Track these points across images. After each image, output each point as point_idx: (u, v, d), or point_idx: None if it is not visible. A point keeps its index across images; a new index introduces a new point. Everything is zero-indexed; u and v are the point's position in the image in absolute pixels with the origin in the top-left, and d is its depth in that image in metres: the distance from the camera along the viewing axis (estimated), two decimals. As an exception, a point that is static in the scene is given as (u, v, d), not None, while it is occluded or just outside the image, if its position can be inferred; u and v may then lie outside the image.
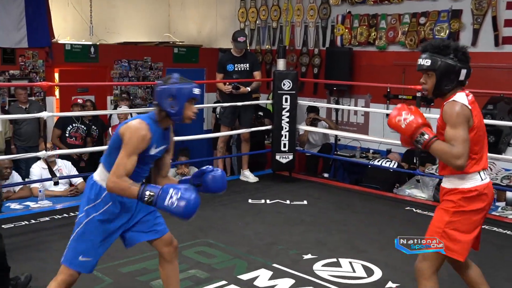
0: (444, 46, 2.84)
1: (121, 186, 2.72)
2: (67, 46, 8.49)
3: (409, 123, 2.82)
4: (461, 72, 2.82)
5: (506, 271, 4.18)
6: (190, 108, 2.88)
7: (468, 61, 2.87)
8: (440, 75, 2.83)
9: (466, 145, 2.71)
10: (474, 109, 2.83)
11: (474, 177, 2.84)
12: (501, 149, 7.08)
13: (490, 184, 2.91)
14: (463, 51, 2.85)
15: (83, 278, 3.85)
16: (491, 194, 2.91)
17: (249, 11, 10.21)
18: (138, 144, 2.76)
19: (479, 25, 7.35)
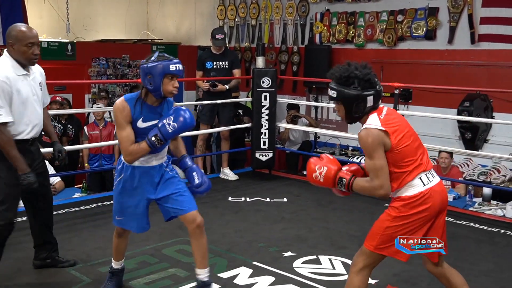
0: (345, 77, 2.84)
1: (133, 151, 3.15)
2: (43, 43, 8.37)
3: (325, 175, 2.91)
4: (368, 99, 2.82)
5: (483, 265, 4.24)
6: (169, 83, 3.13)
7: (374, 86, 2.84)
8: (347, 105, 2.86)
9: (382, 173, 2.76)
10: (390, 124, 2.80)
11: (415, 183, 2.83)
12: (477, 145, 7.19)
13: (435, 187, 2.86)
14: (366, 79, 2.81)
15: (60, 278, 3.82)
16: (437, 195, 2.85)
17: (228, 8, 10.19)
18: (119, 115, 3.14)
19: (455, 22, 7.43)
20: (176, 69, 3.14)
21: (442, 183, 2.96)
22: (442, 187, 2.93)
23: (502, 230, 5.08)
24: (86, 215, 5.29)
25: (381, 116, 2.83)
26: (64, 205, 5.56)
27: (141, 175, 3.31)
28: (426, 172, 2.87)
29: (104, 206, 5.58)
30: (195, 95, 9.85)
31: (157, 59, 3.15)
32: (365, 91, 2.82)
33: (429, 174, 2.88)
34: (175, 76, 3.14)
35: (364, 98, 2.82)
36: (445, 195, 2.94)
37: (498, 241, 4.81)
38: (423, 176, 2.84)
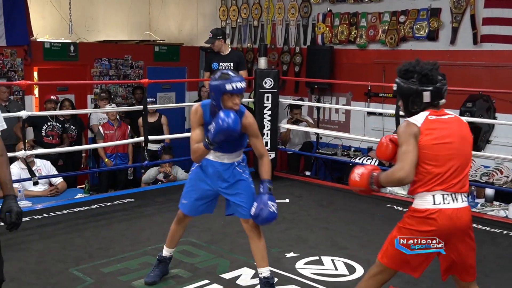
0: (404, 70, 2.88)
1: (193, 150, 3.50)
2: (46, 44, 8.39)
3: (361, 174, 2.89)
4: (424, 94, 2.80)
5: (486, 266, 4.23)
6: (229, 100, 3.37)
7: (433, 82, 2.81)
8: (404, 98, 2.88)
9: (406, 157, 2.71)
10: (433, 128, 2.76)
11: (425, 197, 2.77)
12: (480, 146, 7.17)
13: (446, 211, 2.74)
14: (424, 73, 2.81)
15: (63, 278, 3.83)
16: (444, 221, 2.74)
17: (230, 9, 10.19)
18: (192, 117, 3.54)
19: (458, 23, 7.43)
20: (233, 88, 3.35)
21: (465, 210, 2.81)
22: (460, 214, 2.77)
23: (504, 231, 5.08)
24: (89, 215, 5.29)
25: (431, 116, 2.79)
26: (66, 205, 5.57)
27: (212, 168, 3.61)
28: (446, 193, 2.75)
29: (107, 207, 5.59)
30: (197, 95, 9.85)
31: (218, 78, 3.38)
32: (422, 86, 2.80)
33: (450, 196, 2.76)
34: (234, 94, 3.37)
35: (420, 93, 2.80)
36: (460, 223, 2.78)
37: (500, 242, 4.80)
38: (436, 195, 2.75)
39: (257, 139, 3.59)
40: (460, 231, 2.80)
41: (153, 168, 7.20)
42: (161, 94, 9.68)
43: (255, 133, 3.57)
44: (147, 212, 5.48)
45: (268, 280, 3.62)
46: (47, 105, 7.44)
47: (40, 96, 8.52)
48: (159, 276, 3.84)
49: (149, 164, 6.65)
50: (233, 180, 3.61)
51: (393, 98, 7.55)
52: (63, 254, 4.27)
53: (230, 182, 3.61)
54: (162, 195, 6.12)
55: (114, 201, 5.79)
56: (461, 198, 2.79)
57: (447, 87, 2.86)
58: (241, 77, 3.47)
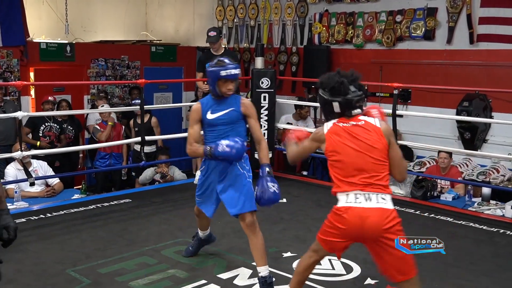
0: (321, 82, 3.07)
1: (192, 150, 3.69)
2: (42, 45, 8.37)
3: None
4: (333, 105, 2.98)
5: (483, 265, 4.24)
6: (223, 85, 3.62)
7: (342, 94, 2.97)
8: (320, 107, 3.12)
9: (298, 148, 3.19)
10: (333, 135, 2.97)
11: (340, 197, 2.96)
12: (476, 145, 7.19)
13: (354, 209, 2.87)
14: (332, 86, 2.97)
15: (60, 279, 3.82)
16: (352, 219, 2.87)
17: (227, 9, 10.19)
18: (191, 115, 3.77)
19: (454, 23, 7.44)
20: (227, 74, 3.60)
21: (378, 211, 2.86)
22: (368, 213, 2.85)
23: (501, 229, 5.08)
24: (86, 216, 5.28)
25: (339, 123, 2.99)
26: (63, 206, 5.55)
27: (214, 165, 3.73)
28: (353, 193, 2.89)
29: (104, 207, 5.58)
30: (194, 96, 9.84)
31: (215, 64, 3.66)
32: (331, 97, 2.99)
33: (361, 196, 2.88)
34: (228, 80, 3.61)
35: (330, 104, 2.99)
36: (368, 222, 2.84)
37: (497, 241, 4.81)
38: (344, 195, 2.92)
39: (255, 121, 3.78)
40: (371, 232, 2.86)
41: (150, 168, 7.19)
42: (158, 95, 9.67)
43: (254, 115, 3.77)
44: (144, 212, 5.47)
45: (266, 279, 3.64)
46: (44, 106, 7.42)
47: (36, 96, 8.50)
48: (196, 251, 4.23)
49: (146, 165, 6.64)
50: (231, 176, 3.71)
51: (390, 97, 7.56)
52: (60, 255, 4.26)
53: (228, 178, 3.71)
54: (159, 196, 6.11)
55: (111, 201, 5.78)
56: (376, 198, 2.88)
57: (361, 98, 3.00)
58: (236, 64, 3.69)
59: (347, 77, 2.99)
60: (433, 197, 6.25)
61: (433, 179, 6.39)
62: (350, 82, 2.97)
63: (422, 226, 5.15)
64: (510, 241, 4.81)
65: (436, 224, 5.25)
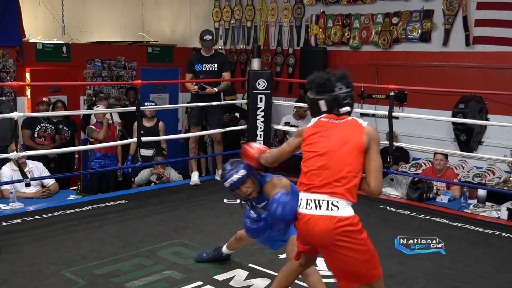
0: (307, 81, 3.01)
1: None
2: (38, 45, 8.34)
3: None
4: (319, 103, 2.91)
5: (478, 267, 4.25)
6: (240, 192, 3.40)
7: (327, 91, 2.89)
8: (308, 107, 3.05)
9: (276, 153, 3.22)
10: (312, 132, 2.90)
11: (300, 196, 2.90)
12: (472, 147, 7.20)
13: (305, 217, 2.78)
14: (318, 83, 2.92)
15: (56, 280, 3.81)
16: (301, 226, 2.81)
17: (224, 10, 10.19)
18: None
19: (450, 25, 7.46)
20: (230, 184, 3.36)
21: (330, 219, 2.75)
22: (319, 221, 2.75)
23: (496, 231, 5.10)
24: (81, 217, 5.27)
25: (323, 119, 2.92)
26: (59, 207, 5.54)
27: None
28: (309, 194, 2.82)
29: (99, 208, 5.57)
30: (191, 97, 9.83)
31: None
32: (317, 96, 2.92)
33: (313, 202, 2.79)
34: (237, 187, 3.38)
35: (316, 102, 2.92)
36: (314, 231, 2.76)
37: (493, 243, 4.82)
38: (303, 199, 2.85)
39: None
40: (319, 240, 2.78)
41: (146, 169, 7.18)
42: (154, 96, 9.65)
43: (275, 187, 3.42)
44: (140, 213, 5.46)
45: None
46: (39, 107, 7.40)
47: (32, 97, 8.48)
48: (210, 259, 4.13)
49: (142, 166, 6.63)
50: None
51: (386, 99, 7.57)
52: (56, 256, 4.25)
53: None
54: (155, 197, 6.11)
55: (107, 202, 5.77)
56: (326, 205, 2.77)
57: (348, 95, 2.90)
58: (237, 167, 3.40)
59: (334, 74, 2.92)
60: (429, 199, 6.26)
61: (429, 181, 6.40)
62: (337, 80, 2.89)
63: (418, 228, 5.15)
64: (506, 243, 4.82)
65: (431, 226, 5.26)
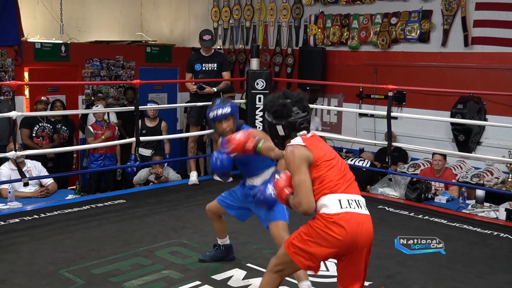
0: (264, 105, 3.00)
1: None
2: (37, 44, 8.34)
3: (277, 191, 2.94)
4: (277, 128, 2.87)
5: (476, 267, 4.25)
6: (218, 127, 3.69)
7: (284, 116, 2.84)
8: (268, 131, 2.98)
9: (302, 189, 2.75)
10: (312, 143, 2.82)
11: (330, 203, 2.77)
12: (471, 148, 7.21)
13: (350, 215, 2.75)
14: (273, 110, 2.87)
15: (54, 280, 3.81)
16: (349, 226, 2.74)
17: (222, 10, 10.19)
18: None
19: (449, 25, 7.46)
20: (214, 115, 3.65)
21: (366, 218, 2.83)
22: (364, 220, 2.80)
23: (495, 232, 5.10)
24: (79, 216, 5.27)
25: (305, 136, 2.85)
26: (57, 206, 5.54)
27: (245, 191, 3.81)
28: (348, 196, 2.80)
29: (98, 208, 5.56)
30: (189, 96, 9.82)
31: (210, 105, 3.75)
32: (275, 120, 2.87)
33: (353, 201, 2.81)
34: (220, 121, 3.64)
35: (274, 127, 2.89)
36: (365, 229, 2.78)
37: (491, 243, 4.83)
38: (343, 199, 2.78)
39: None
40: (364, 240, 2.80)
41: (144, 169, 7.17)
42: (152, 95, 9.65)
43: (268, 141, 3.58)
44: (138, 213, 5.46)
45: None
46: (37, 106, 7.40)
47: (31, 96, 8.48)
48: (213, 259, 4.14)
49: (141, 165, 6.63)
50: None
51: (384, 99, 7.58)
52: (54, 255, 4.25)
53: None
54: (153, 196, 6.10)
55: (105, 202, 5.76)
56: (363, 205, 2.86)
57: (305, 119, 2.86)
58: (225, 103, 3.65)
59: (291, 98, 2.86)
60: (427, 199, 6.27)
61: (427, 181, 6.41)
62: (293, 104, 2.84)
63: (416, 228, 5.16)
64: (504, 243, 4.82)
65: (430, 226, 5.26)
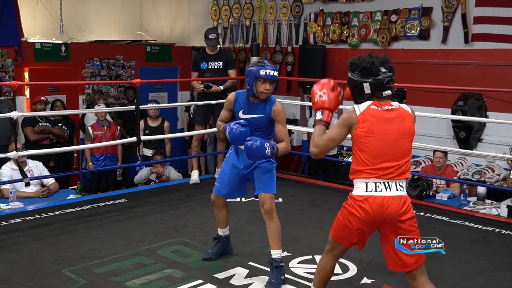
0: (350, 63, 3.04)
1: (218, 125, 4.04)
2: (37, 45, 8.34)
3: (321, 101, 3.09)
4: (364, 86, 2.95)
5: (478, 264, 4.25)
6: (261, 86, 3.74)
7: (372, 74, 2.94)
8: (350, 89, 3.06)
9: (327, 140, 2.96)
10: (367, 118, 2.90)
11: (359, 185, 2.93)
12: (471, 145, 7.21)
13: (377, 199, 2.87)
14: (363, 66, 2.95)
15: (56, 279, 3.81)
16: (376, 206, 2.86)
17: (222, 9, 10.19)
18: (226, 102, 4.03)
19: (449, 22, 7.46)
20: (266, 74, 3.71)
21: (397, 198, 2.90)
22: (391, 201, 2.88)
23: (496, 229, 5.10)
24: (81, 216, 5.27)
25: (373, 106, 2.92)
26: (58, 206, 5.54)
27: (240, 153, 3.92)
28: (379, 180, 2.89)
29: (99, 207, 5.56)
30: (190, 96, 9.83)
31: (254, 64, 3.78)
32: (362, 78, 2.95)
33: (382, 184, 2.89)
34: (267, 80, 3.72)
35: (360, 85, 2.96)
36: (389, 211, 2.88)
37: (492, 240, 4.83)
38: (369, 183, 2.90)
39: (282, 126, 3.84)
40: (390, 219, 2.90)
41: (146, 168, 7.18)
42: (153, 94, 9.65)
43: (282, 120, 3.83)
44: (140, 212, 5.46)
45: (275, 260, 3.79)
46: (36, 106, 7.41)
47: (31, 97, 8.48)
48: (216, 254, 4.21)
49: (142, 165, 6.63)
50: (256, 164, 3.86)
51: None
52: (56, 255, 4.25)
53: (249, 164, 3.87)
54: (154, 196, 6.11)
55: (107, 201, 5.76)
56: (395, 187, 2.90)
57: (391, 79, 2.97)
58: (275, 66, 3.87)
59: (377, 58, 2.97)
60: (428, 196, 6.26)
61: (429, 179, 6.40)
62: (380, 63, 2.96)
63: (418, 226, 5.15)
64: (505, 240, 4.82)
65: (431, 223, 5.26)
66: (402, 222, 2.91)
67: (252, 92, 3.77)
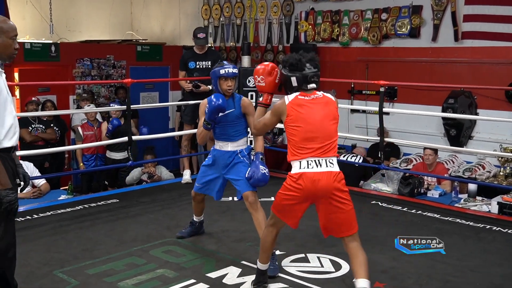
0: (282, 60, 3.50)
1: (198, 133, 4.24)
2: (26, 45, 8.29)
3: (260, 86, 3.59)
4: (291, 79, 3.38)
5: (470, 261, 4.27)
6: (223, 84, 4.14)
7: (298, 69, 3.36)
8: (282, 81, 3.50)
9: (263, 125, 3.55)
10: (295, 106, 3.32)
11: (295, 164, 3.32)
12: (462, 142, 7.25)
13: (310, 173, 3.23)
14: (290, 63, 3.39)
15: (48, 280, 3.79)
16: (308, 181, 3.23)
17: (213, 8, 10.18)
18: (200, 109, 4.24)
19: (439, 20, 7.49)
20: (226, 72, 4.11)
21: (327, 174, 3.25)
22: (321, 177, 3.23)
23: (487, 225, 5.13)
24: (73, 217, 5.25)
25: (301, 96, 3.35)
26: (50, 207, 5.51)
27: (218, 156, 4.25)
28: (310, 159, 3.26)
29: (91, 208, 5.54)
30: (181, 95, 9.81)
31: (215, 67, 4.18)
32: (290, 73, 3.38)
33: (313, 162, 3.26)
34: (228, 78, 4.12)
35: (289, 78, 3.39)
36: (321, 185, 3.23)
37: (484, 237, 4.85)
38: (303, 161, 3.28)
39: (253, 118, 4.00)
40: (322, 192, 3.26)
41: (137, 168, 7.15)
42: (144, 94, 9.63)
43: (252, 112, 4.17)
44: (132, 212, 5.44)
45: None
46: (28, 107, 7.36)
47: (21, 97, 8.43)
48: (190, 234, 4.64)
49: (133, 165, 6.61)
50: (233, 164, 4.20)
51: (376, 95, 7.60)
52: (47, 256, 4.23)
53: (231, 166, 4.20)
54: (146, 196, 6.09)
55: (98, 202, 5.74)
56: (325, 163, 3.28)
57: (315, 74, 3.37)
58: (234, 64, 4.13)
59: (304, 56, 3.40)
60: (420, 194, 6.30)
61: (420, 176, 6.43)
62: (307, 61, 3.38)
63: (409, 223, 5.18)
64: (496, 237, 4.85)
65: (423, 220, 5.28)
66: (334, 195, 3.26)
67: (218, 91, 4.14)
